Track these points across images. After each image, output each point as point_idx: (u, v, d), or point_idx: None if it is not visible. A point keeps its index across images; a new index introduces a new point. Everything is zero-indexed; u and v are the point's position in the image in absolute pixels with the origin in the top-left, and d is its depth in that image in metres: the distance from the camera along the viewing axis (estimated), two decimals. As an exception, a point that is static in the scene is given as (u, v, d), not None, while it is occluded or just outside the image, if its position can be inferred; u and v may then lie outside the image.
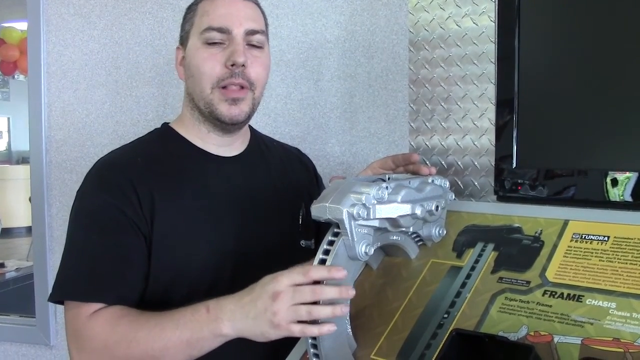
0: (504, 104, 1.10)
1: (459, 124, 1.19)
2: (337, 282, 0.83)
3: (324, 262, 0.86)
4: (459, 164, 1.19)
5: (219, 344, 0.88)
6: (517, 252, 0.93)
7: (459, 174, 1.19)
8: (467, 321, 0.86)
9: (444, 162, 1.21)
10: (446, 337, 0.82)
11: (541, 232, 0.95)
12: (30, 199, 1.94)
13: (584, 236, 0.91)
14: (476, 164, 1.17)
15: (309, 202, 0.90)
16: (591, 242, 0.90)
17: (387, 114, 1.53)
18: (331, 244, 0.87)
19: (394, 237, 0.97)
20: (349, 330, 0.90)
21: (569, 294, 0.84)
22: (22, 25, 4.75)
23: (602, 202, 0.99)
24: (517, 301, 0.86)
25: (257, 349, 0.89)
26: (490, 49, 1.14)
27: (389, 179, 1.00)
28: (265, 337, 0.84)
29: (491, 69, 1.14)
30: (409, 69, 1.25)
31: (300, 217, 1.15)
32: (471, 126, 1.18)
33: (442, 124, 1.21)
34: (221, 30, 1.02)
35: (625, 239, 0.88)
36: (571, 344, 0.77)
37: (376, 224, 0.88)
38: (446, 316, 0.88)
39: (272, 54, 1.16)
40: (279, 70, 1.60)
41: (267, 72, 1.10)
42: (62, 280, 0.98)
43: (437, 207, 0.95)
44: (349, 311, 0.89)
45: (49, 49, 1.87)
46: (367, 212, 0.85)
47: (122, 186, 0.99)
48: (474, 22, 1.16)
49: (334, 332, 0.83)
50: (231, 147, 1.13)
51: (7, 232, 6.31)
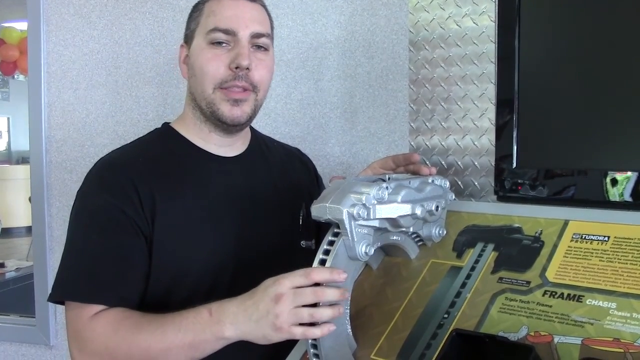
0: (504, 104, 1.10)
1: (459, 124, 1.19)
2: (337, 283, 0.83)
3: (324, 262, 0.86)
4: (459, 164, 1.19)
5: (221, 346, 0.88)
6: (517, 252, 0.93)
7: (459, 174, 1.19)
8: (467, 321, 0.86)
9: (444, 162, 1.21)
10: (446, 337, 0.82)
11: (541, 232, 0.95)
12: (30, 199, 1.94)
13: (584, 236, 0.91)
14: (476, 164, 1.17)
15: (309, 202, 0.90)
16: (591, 242, 0.90)
17: (387, 114, 1.53)
18: (331, 244, 0.87)
19: (394, 237, 0.97)
20: (349, 330, 0.90)
21: (569, 294, 0.84)
22: (22, 25, 4.75)
23: (602, 202, 0.99)
24: (517, 301, 0.86)
25: (258, 349, 0.88)
26: (490, 48, 1.14)
27: (389, 179, 1.00)
28: (267, 339, 0.84)
29: (491, 69, 1.14)
30: (409, 69, 1.25)
31: (300, 217, 1.15)
32: (471, 126, 1.18)
33: (442, 124, 1.21)
34: (227, 31, 1.02)
35: (625, 239, 0.88)
36: (571, 344, 0.77)
37: (376, 224, 0.88)
38: (446, 316, 0.88)
39: (273, 54, 1.16)
40: (279, 70, 1.60)
41: (271, 75, 1.10)
42: (63, 280, 0.98)
43: (437, 207, 0.95)
44: (347, 311, 0.89)
45: (49, 49, 1.87)
46: (367, 212, 0.85)
47: (124, 186, 0.99)
48: (474, 22, 1.16)
49: (334, 332, 0.83)
50: (232, 147, 1.13)
51: (7, 232, 6.31)
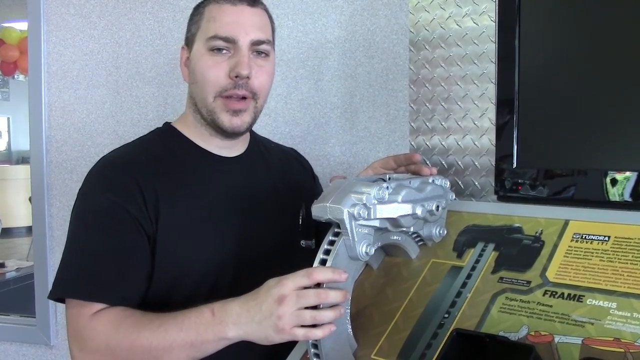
0: (504, 104, 1.10)
1: (459, 123, 1.19)
2: (338, 283, 0.83)
3: (324, 262, 0.86)
4: (460, 163, 1.19)
5: (223, 346, 0.88)
6: (518, 252, 0.93)
7: (460, 173, 1.19)
8: (468, 321, 0.86)
9: (444, 162, 1.21)
10: (447, 337, 0.82)
11: (542, 232, 0.95)
12: (30, 199, 1.94)
13: (584, 236, 0.91)
14: (476, 163, 1.17)
15: (309, 202, 0.90)
16: (592, 242, 0.90)
17: (388, 114, 1.53)
18: (332, 244, 0.87)
19: (395, 237, 0.97)
20: (350, 330, 0.90)
21: (569, 294, 0.84)
22: (22, 25, 4.75)
23: (603, 202, 0.99)
24: (517, 301, 0.86)
25: (258, 349, 0.88)
26: (490, 48, 1.14)
27: (390, 179, 1.00)
28: (269, 340, 0.84)
29: (491, 69, 1.14)
30: (409, 69, 1.25)
31: (300, 217, 1.15)
32: (471, 126, 1.18)
33: (443, 123, 1.21)
34: (227, 39, 1.01)
35: (625, 238, 0.88)
36: (572, 344, 0.77)
37: (377, 224, 0.88)
38: (447, 316, 0.88)
39: (273, 54, 1.16)
40: (279, 70, 1.60)
41: (272, 80, 1.10)
42: (64, 277, 0.98)
43: (437, 207, 0.95)
44: (348, 311, 0.89)
45: (49, 49, 1.87)
46: (367, 212, 0.85)
47: (127, 185, 0.99)
48: (475, 22, 1.16)
49: (334, 332, 0.83)
50: (232, 148, 1.13)
51: (7, 232, 6.31)
